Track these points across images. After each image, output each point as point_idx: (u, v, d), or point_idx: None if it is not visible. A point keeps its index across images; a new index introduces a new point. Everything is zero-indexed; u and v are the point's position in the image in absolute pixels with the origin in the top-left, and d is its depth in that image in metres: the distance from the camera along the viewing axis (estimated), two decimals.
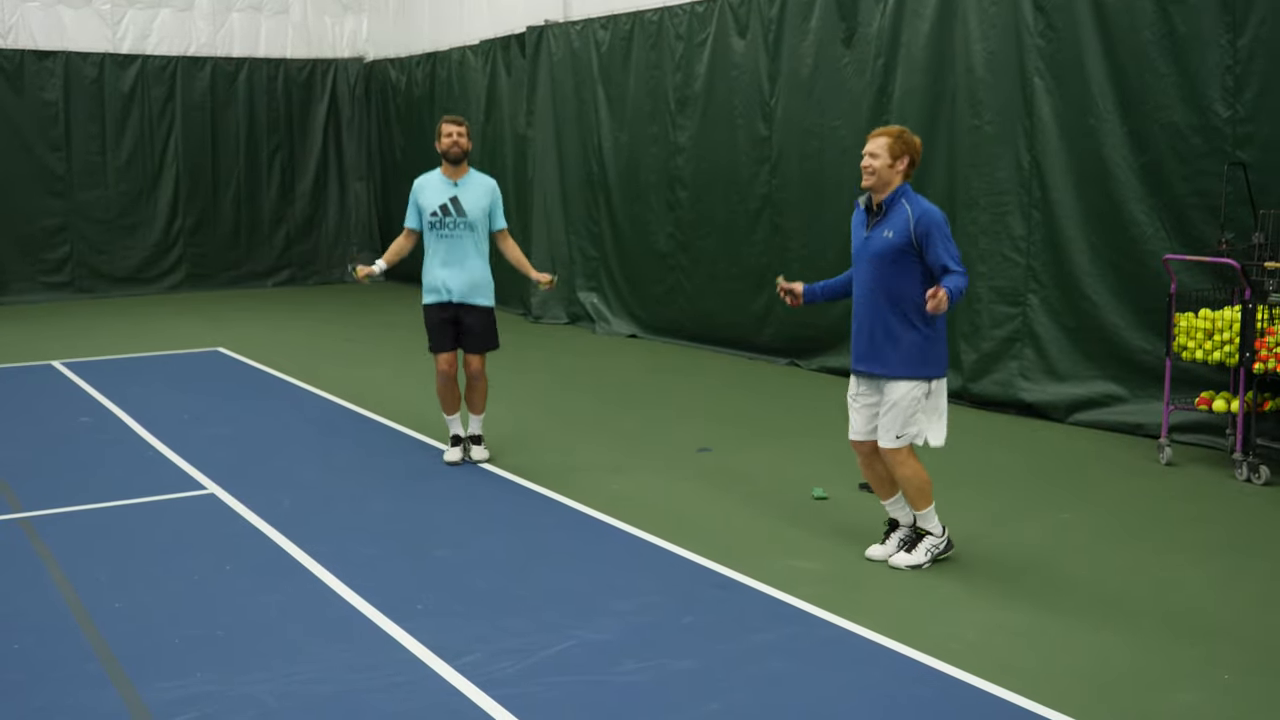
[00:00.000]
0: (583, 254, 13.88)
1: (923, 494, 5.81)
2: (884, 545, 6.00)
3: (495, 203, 7.86)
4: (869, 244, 5.75)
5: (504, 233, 7.99)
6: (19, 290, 16.63)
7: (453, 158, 7.71)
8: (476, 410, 7.96)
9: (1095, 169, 8.56)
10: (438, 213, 7.70)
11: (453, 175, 7.76)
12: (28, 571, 5.92)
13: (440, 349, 7.83)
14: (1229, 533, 6.39)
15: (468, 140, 7.76)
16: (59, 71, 16.74)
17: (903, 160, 5.69)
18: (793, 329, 11.11)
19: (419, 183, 7.86)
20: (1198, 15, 7.89)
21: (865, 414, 5.89)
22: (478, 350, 7.83)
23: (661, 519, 6.62)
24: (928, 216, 5.62)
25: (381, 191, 19.08)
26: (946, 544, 5.91)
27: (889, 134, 5.73)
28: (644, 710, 4.39)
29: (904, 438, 5.74)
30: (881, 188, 5.71)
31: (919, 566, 5.83)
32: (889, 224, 5.68)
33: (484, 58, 15.71)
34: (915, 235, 5.61)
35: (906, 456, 5.77)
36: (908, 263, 5.65)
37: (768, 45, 11.20)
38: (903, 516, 5.99)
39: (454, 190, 7.73)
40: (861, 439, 5.93)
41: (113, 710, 4.43)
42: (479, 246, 7.77)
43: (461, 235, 7.69)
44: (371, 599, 5.47)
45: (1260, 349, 7.07)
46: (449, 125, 7.73)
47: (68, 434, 8.82)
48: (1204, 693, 4.50)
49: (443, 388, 7.90)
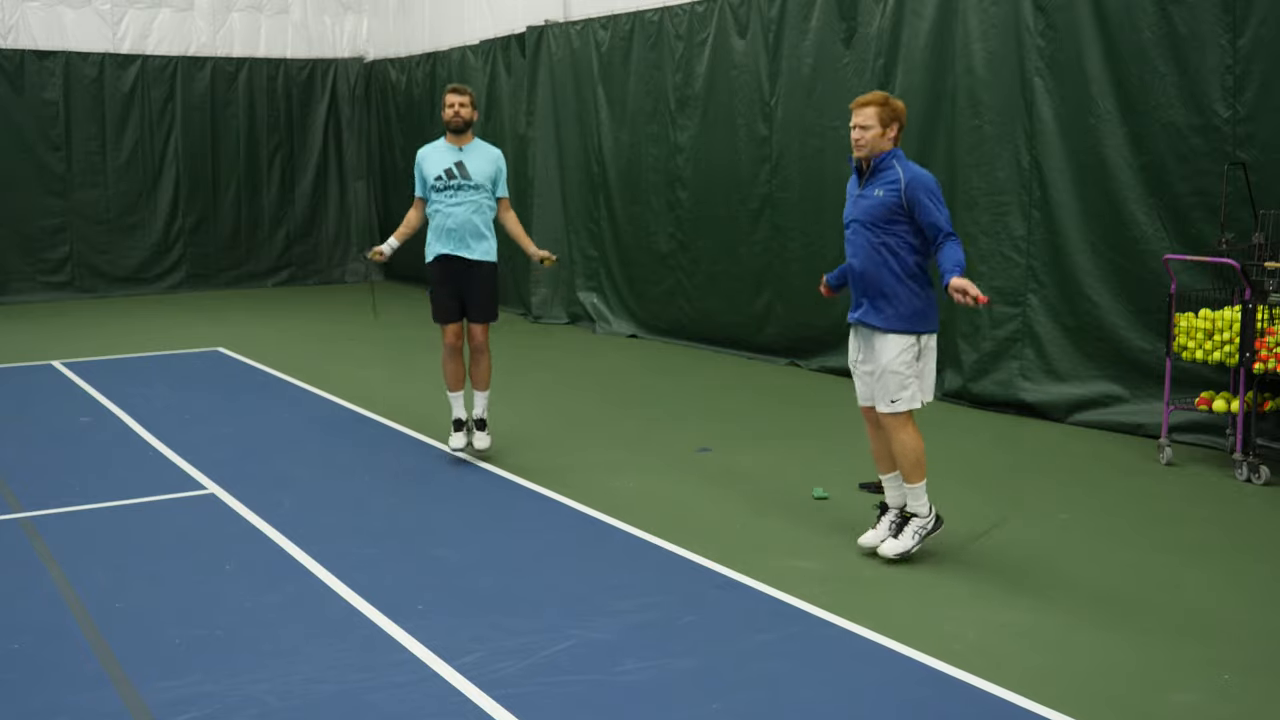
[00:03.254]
0: (583, 254, 13.88)
1: (918, 466, 5.86)
2: (875, 530, 6.05)
3: (500, 171, 7.92)
4: (860, 203, 5.85)
5: (505, 201, 8.02)
6: (19, 290, 16.63)
7: (455, 127, 7.76)
8: (480, 385, 7.96)
9: (1095, 169, 8.56)
10: (443, 176, 7.74)
11: (457, 143, 7.82)
12: (28, 571, 5.92)
13: (446, 319, 7.86)
14: (1229, 533, 6.39)
15: (470, 110, 7.78)
16: (59, 71, 16.73)
17: (892, 127, 5.79)
18: (793, 329, 11.11)
19: (422, 152, 7.91)
20: (1198, 15, 7.89)
21: (866, 380, 5.99)
22: (481, 320, 7.87)
23: (661, 519, 6.62)
24: (918, 180, 5.72)
25: (381, 191, 19.08)
26: (934, 523, 5.95)
27: (875, 101, 5.79)
28: (644, 710, 4.39)
29: (899, 402, 5.79)
30: (873, 156, 5.81)
31: (908, 552, 5.87)
32: (879, 183, 5.78)
33: (484, 58, 15.71)
34: (906, 198, 5.70)
35: (905, 423, 5.83)
36: (898, 221, 5.75)
37: (768, 45, 11.20)
38: (895, 498, 6.03)
39: (459, 155, 7.78)
40: (867, 404, 6.04)
41: (113, 710, 4.43)
42: (484, 209, 7.81)
43: (466, 198, 7.72)
44: (371, 599, 5.47)
45: (1260, 349, 7.07)
46: (451, 95, 7.78)
47: (68, 434, 8.82)
48: (1204, 693, 4.50)
49: (448, 360, 7.93)
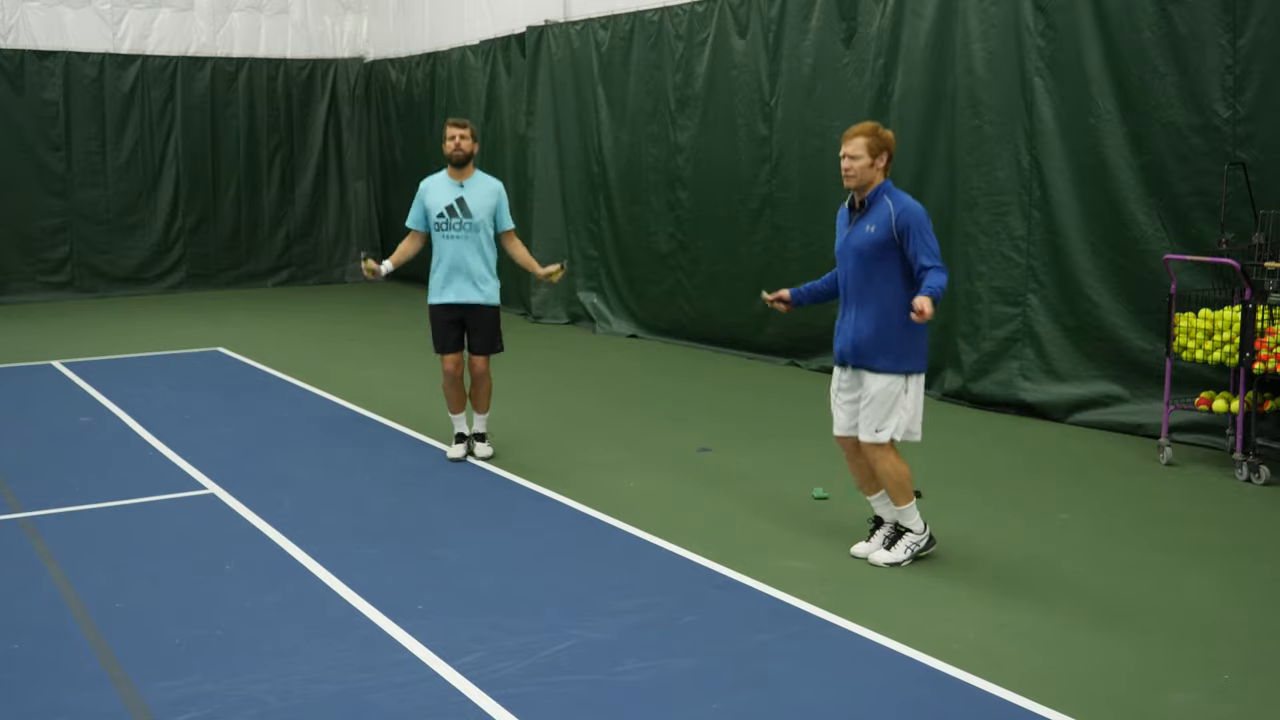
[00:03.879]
0: (583, 254, 13.88)
1: (903, 490, 5.85)
2: (868, 543, 6.05)
3: (501, 204, 7.91)
4: (851, 239, 5.82)
5: (510, 234, 8.04)
6: (19, 290, 16.64)
7: (456, 161, 7.77)
8: (480, 409, 8.04)
9: (1095, 169, 8.56)
10: (444, 214, 7.77)
11: (458, 177, 7.83)
12: (28, 571, 5.92)
13: (445, 350, 7.91)
14: (1229, 533, 6.39)
15: (471, 143, 7.79)
16: (59, 71, 16.74)
17: (881, 157, 5.76)
18: (793, 329, 11.11)
19: (425, 184, 7.93)
20: (1198, 15, 7.89)
21: (848, 409, 5.95)
22: (483, 352, 7.92)
23: (661, 519, 6.62)
24: (908, 212, 5.69)
25: (381, 191, 19.09)
26: (928, 541, 5.95)
27: (864, 132, 5.77)
28: (644, 710, 4.39)
29: (884, 431, 5.78)
30: (864, 186, 5.78)
31: (899, 564, 5.87)
32: (871, 219, 5.75)
33: (484, 58, 15.71)
34: (896, 230, 5.67)
35: (887, 452, 5.81)
36: (889, 257, 5.71)
37: (768, 45, 11.20)
38: (886, 514, 6.03)
39: (460, 191, 7.79)
40: (845, 434, 6.00)
41: (113, 710, 4.43)
42: (485, 247, 7.83)
43: (467, 236, 7.75)
44: (371, 599, 5.47)
45: (1260, 349, 7.07)
46: (452, 129, 7.79)
47: (68, 434, 8.82)
48: (1204, 693, 4.50)
49: (448, 387, 7.97)
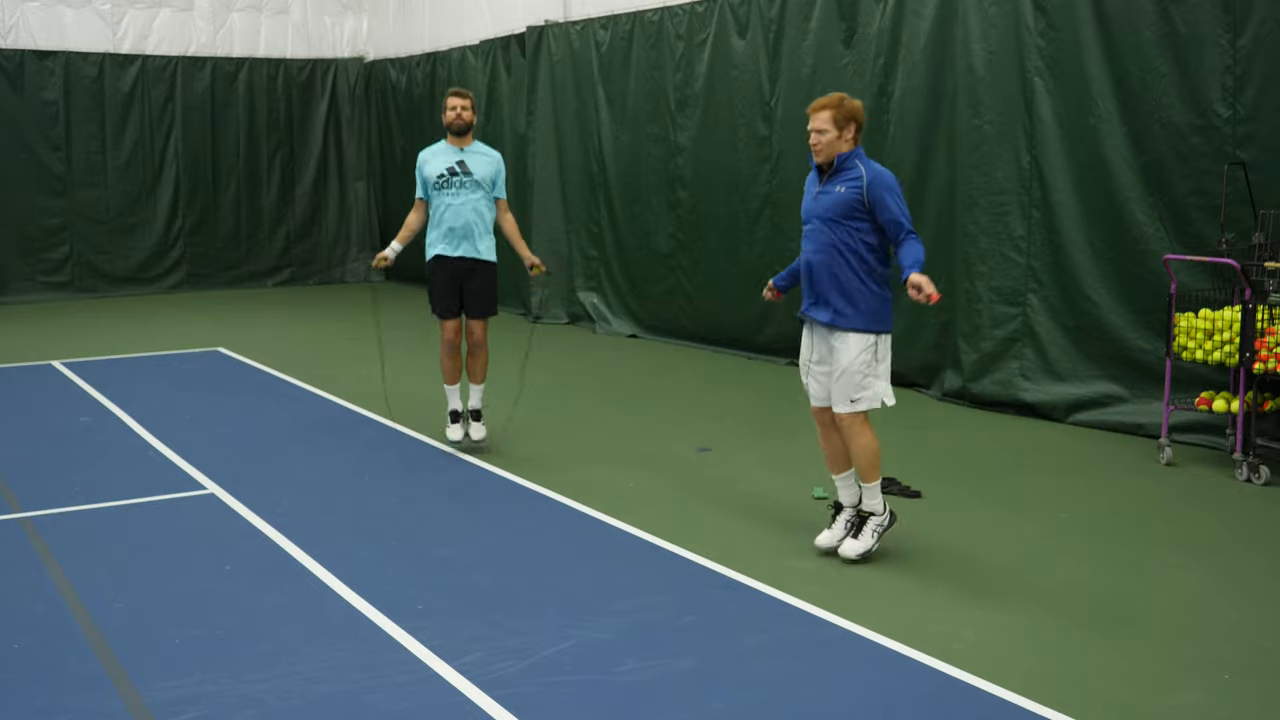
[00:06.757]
0: (583, 254, 13.88)
1: (873, 466, 5.87)
2: (830, 530, 6.04)
3: (500, 172, 8.08)
4: (820, 199, 5.83)
5: (503, 203, 8.16)
6: (19, 290, 16.63)
7: (456, 129, 7.92)
8: (477, 379, 8.08)
9: (1095, 169, 8.56)
10: (445, 174, 7.90)
11: (458, 144, 7.99)
12: (28, 571, 5.92)
13: (445, 314, 7.98)
14: (1229, 533, 6.39)
15: (471, 113, 7.96)
16: (59, 71, 16.73)
17: (849, 128, 5.76)
18: (793, 328, 11.04)
19: (423, 154, 8.09)
20: (1198, 15, 7.89)
21: (822, 381, 5.95)
22: (480, 315, 7.99)
23: (662, 519, 6.62)
24: (880, 178, 5.72)
25: (381, 191, 19.08)
26: (889, 519, 5.95)
27: (829, 105, 5.76)
28: (644, 710, 4.39)
29: (859, 402, 5.79)
30: (832, 159, 5.79)
31: (868, 551, 5.87)
32: (841, 180, 5.76)
33: (484, 58, 15.71)
34: (868, 196, 5.69)
35: (863, 423, 5.83)
36: (859, 219, 5.73)
37: (768, 45, 11.20)
38: (848, 497, 6.03)
39: (460, 155, 7.94)
40: (821, 404, 6.00)
41: (113, 710, 4.43)
42: (484, 208, 7.96)
43: (469, 194, 7.87)
44: (371, 599, 5.47)
45: (1260, 349, 7.07)
46: (453, 98, 7.94)
47: (68, 434, 8.82)
48: (1204, 693, 4.50)
49: (446, 357, 8.05)
